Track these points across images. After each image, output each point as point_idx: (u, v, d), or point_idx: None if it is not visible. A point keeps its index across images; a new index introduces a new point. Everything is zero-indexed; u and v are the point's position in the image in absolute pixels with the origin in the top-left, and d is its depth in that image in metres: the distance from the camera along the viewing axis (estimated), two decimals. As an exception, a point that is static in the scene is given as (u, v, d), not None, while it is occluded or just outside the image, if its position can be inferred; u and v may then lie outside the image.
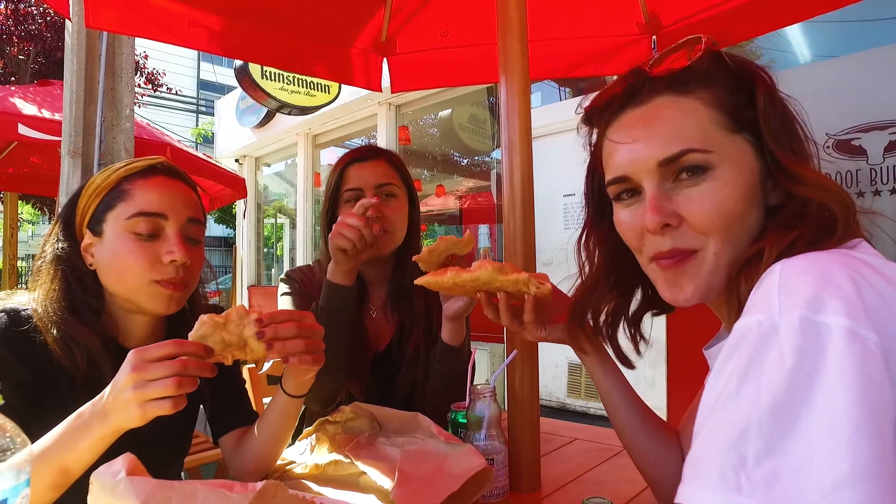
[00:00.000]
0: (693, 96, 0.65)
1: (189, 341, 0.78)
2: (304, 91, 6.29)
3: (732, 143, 0.64)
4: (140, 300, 0.98)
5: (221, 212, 13.21)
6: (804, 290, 0.47)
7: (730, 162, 0.63)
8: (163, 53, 9.82)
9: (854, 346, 0.44)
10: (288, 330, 0.85)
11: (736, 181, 0.62)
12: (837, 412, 0.42)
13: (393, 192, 1.35)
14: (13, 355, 0.90)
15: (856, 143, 2.72)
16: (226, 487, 0.62)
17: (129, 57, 2.52)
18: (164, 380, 0.74)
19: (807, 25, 3.73)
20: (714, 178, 0.63)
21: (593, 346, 0.87)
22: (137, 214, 0.96)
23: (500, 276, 0.83)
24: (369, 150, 1.41)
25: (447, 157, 6.54)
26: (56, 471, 0.78)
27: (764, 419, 0.44)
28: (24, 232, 18.34)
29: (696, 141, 0.63)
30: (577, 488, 1.05)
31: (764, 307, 0.49)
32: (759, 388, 0.46)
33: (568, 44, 1.93)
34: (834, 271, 0.48)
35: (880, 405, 0.43)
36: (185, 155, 3.84)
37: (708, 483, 0.46)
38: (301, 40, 1.83)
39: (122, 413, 0.76)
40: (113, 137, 2.42)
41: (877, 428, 0.42)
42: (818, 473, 0.41)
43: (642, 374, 4.13)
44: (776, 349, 0.46)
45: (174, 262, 0.96)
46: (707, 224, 0.63)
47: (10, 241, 5.42)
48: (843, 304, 0.45)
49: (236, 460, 1.09)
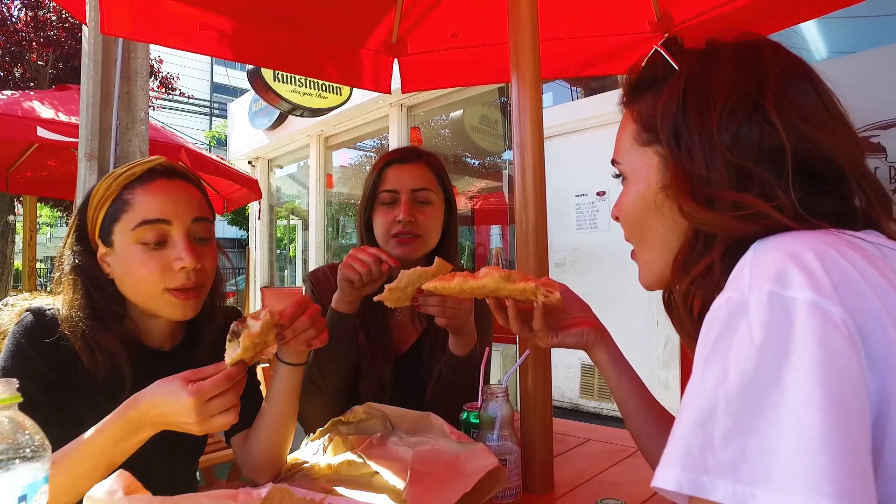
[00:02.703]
0: (630, 108, 0.71)
1: (236, 370, 0.83)
2: (316, 93, 6.32)
3: (638, 156, 0.69)
4: (156, 308, 0.99)
5: (234, 213, 13.33)
6: (773, 266, 0.48)
7: (633, 174, 0.70)
8: (177, 58, 9.92)
9: (816, 320, 0.44)
10: (302, 324, 0.94)
11: (632, 191, 0.69)
12: (799, 390, 0.42)
13: (429, 198, 1.35)
14: (40, 355, 0.92)
15: (874, 140, 2.68)
16: (230, 497, 0.61)
17: (144, 61, 2.55)
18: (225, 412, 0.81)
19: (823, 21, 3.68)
20: (627, 185, 0.71)
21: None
22: (141, 224, 0.95)
23: (508, 284, 0.82)
24: (409, 151, 1.41)
25: (459, 158, 6.53)
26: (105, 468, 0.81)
27: (732, 397, 0.44)
28: (43, 234, 18.65)
29: (616, 152, 0.72)
30: (590, 489, 1.04)
31: (736, 284, 0.50)
32: (726, 365, 0.46)
33: (579, 43, 1.92)
34: (802, 248, 0.48)
35: (841, 379, 0.42)
36: (199, 157, 3.89)
37: (675, 462, 0.46)
38: (312, 43, 1.84)
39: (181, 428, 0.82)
40: (128, 140, 2.45)
41: (835, 403, 0.41)
42: (781, 451, 0.41)
43: (656, 375, 4.09)
44: (745, 325, 0.46)
45: (184, 268, 0.96)
46: (621, 221, 0.73)
47: (29, 244, 5.51)
48: (808, 278, 0.45)
49: (247, 456, 1.09)
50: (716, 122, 0.58)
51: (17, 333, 0.92)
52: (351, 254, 1.17)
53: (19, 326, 0.93)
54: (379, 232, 1.35)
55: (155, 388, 0.81)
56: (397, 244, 1.32)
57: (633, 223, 0.71)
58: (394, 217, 1.32)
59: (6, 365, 0.90)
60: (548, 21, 1.21)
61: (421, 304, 1.11)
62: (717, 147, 0.58)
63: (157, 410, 0.80)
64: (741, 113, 0.58)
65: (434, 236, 1.37)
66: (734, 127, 0.58)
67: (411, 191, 1.33)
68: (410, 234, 1.31)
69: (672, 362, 4.07)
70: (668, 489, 0.46)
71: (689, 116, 0.60)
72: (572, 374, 4.56)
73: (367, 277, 1.16)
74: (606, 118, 4.03)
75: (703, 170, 0.58)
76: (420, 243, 1.33)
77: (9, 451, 0.54)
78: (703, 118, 0.59)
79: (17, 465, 0.54)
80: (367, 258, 1.15)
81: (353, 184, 7.85)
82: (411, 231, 1.31)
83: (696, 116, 0.59)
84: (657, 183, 0.65)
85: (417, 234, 1.32)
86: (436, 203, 1.37)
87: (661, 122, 0.63)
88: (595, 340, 0.90)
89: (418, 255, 1.34)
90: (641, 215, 0.68)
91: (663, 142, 0.63)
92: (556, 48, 1.82)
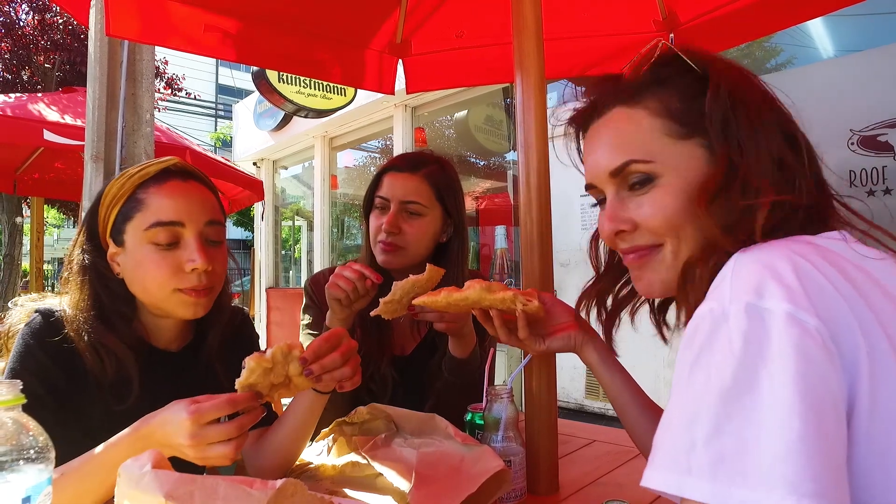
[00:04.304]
0: (641, 106, 0.67)
1: (242, 396, 0.78)
2: (321, 94, 6.33)
3: (678, 150, 0.65)
4: (167, 308, 0.99)
5: (239, 214, 13.36)
6: (752, 278, 0.50)
7: (674, 170, 0.65)
8: (182, 59, 9.95)
9: (793, 330, 0.46)
10: (333, 361, 0.84)
11: (679, 187, 0.64)
12: (776, 394, 0.44)
13: (419, 210, 1.33)
14: (49, 356, 0.92)
15: (882, 138, 2.66)
16: (246, 484, 0.62)
17: (150, 63, 2.56)
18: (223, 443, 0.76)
19: (829, 19, 3.65)
20: (659, 185, 0.65)
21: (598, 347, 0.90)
22: (155, 225, 0.95)
23: (489, 294, 0.86)
24: (408, 160, 1.39)
25: (463, 159, 6.53)
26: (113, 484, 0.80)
27: (712, 403, 0.47)
28: (50, 236, 18.78)
29: (639, 152, 0.66)
30: (596, 491, 1.03)
31: (717, 295, 0.52)
32: (709, 373, 0.48)
33: (584, 42, 1.91)
34: (779, 260, 0.50)
35: (818, 386, 0.45)
36: (204, 158, 3.90)
37: (662, 465, 0.49)
38: (316, 44, 1.84)
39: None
40: (134, 142, 2.45)
41: (813, 408, 0.44)
42: (757, 453, 0.43)
43: (660, 375, 4.07)
44: (725, 335, 0.48)
45: (196, 270, 0.96)
46: (656, 228, 0.66)
47: (37, 245, 5.54)
48: (784, 291, 0.48)
49: (256, 459, 1.09)
50: (759, 114, 0.62)
51: (26, 335, 0.93)
52: (336, 272, 1.17)
53: (28, 328, 0.94)
54: (370, 235, 1.37)
55: (166, 408, 0.79)
56: (381, 251, 1.33)
57: (684, 220, 0.64)
58: (380, 224, 1.33)
59: (15, 366, 0.91)
60: (552, 21, 1.21)
61: (418, 312, 1.11)
62: (764, 137, 0.61)
63: (161, 430, 0.78)
64: (766, 105, 0.64)
65: (419, 249, 1.35)
66: (772, 117, 0.63)
67: (401, 202, 1.32)
68: (393, 244, 1.31)
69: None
70: (657, 489, 0.48)
71: (738, 108, 0.63)
72: (577, 375, 4.55)
73: (354, 294, 1.16)
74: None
75: (754, 159, 0.61)
76: (402, 255, 1.33)
77: (13, 453, 0.54)
78: (749, 110, 0.63)
79: (20, 466, 0.55)
80: (351, 275, 1.15)
81: (357, 185, 7.85)
82: (394, 242, 1.31)
83: (743, 108, 0.63)
84: (704, 176, 0.64)
85: (400, 245, 1.32)
86: (427, 217, 1.34)
87: (710, 113, 0.63)
88: (583, 342, 0.92)
89: (402, 265, 1.33)
90: (693, 211, 0.63)
91: (713, 133, 0.63)
92: (561, 48, 1.82)
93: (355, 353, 0.89)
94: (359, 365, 0.90)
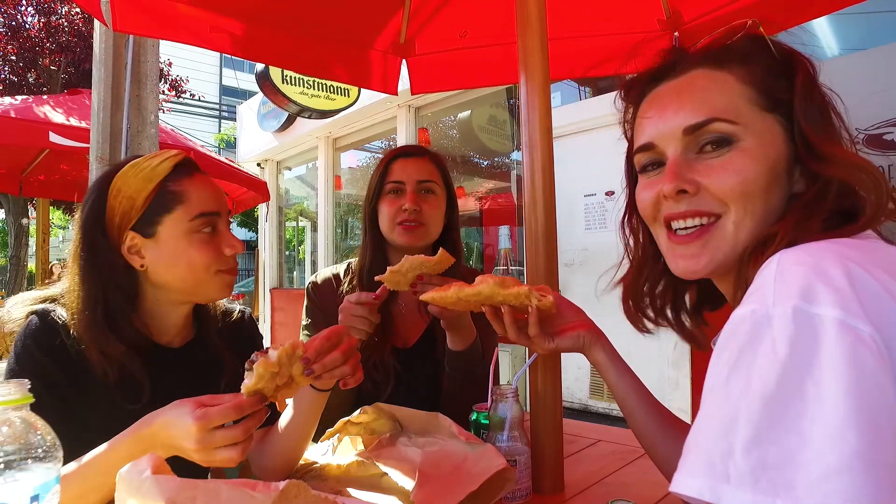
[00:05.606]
0: (727, 71, 0.67)
1: (248, 400, 0.78)
2: (324, 95, 6.34)
3: (762, 119, 0.64)
4: (205, 291, 1.06)
5: (244, 215, 13.40)
6: (799, 281, 0.47)
7: (756, 136, 0.63)
8: (186, 60, 10.00)
9: (846, 338, 0.43)
10: (334, 360, 0.86)
11: (760, 155, 0.63)
12: (827, 404, 0.42)
13: (432, 189, 1.41)
14: (48, 355, 0.93)
15: (888, 137, 2.64)
16: (249, 486, 0.62)
17: (154, 64, 2.57)
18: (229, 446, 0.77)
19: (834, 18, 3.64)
20: (739, 149, 0.63)
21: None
22: (200, 215, 1.02)
23: (502, 290, 0.83)
24: (415, 147, 1.49)
25: (467, 159, 6.53)
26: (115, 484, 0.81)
27: (754, 409, 0.44)
28: (55, 237, 18.87)
29: (725, 111, 0.64)
30: (601, 491, 1.03)
31: (759, 297, 0.49)
32: (750, 377, 0.46)
33: (588, 42, 1.91)
34: (829, 262, 0.48)
35: (874, 396, 0.42)
36: (208, 159, 3.91)
37: (696, 471, 0.46)
38: (320, 43, 1.84)
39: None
40: (139, 143, 2.47)
41: (870, 419, 0.41)
42: (806, 464, 0.41)
43: (666, 376, 4.06)
44: (769, 339, 0.46)
45: (234, 253, 1.06)
46: (726, 191, 0.63)
47: (43, 246, 5.58)
48: (835, 296, 0.45)
49: (259, 459, 1.09)
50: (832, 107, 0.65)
51: (24, 336, 0.94)
52: (344, 316, 1.16)
53: (25, 330, 0.95)
54: (384, 221, 1.39)
55: (168, 408, 0.80)
56: (403, 231, 1.36)
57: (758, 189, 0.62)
58: (399, 206, 1.37)
59: (14, 367, 0.92)
60: (556, 20, 1.20)
61: (419, 291, 1.11)
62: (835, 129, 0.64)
63: (165, 432, 0.78)
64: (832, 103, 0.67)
65: (437, 226, 1.42)
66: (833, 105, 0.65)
67: (417, 181, 1.39)
68: (415, 221, 1.36)
69: (682, 362, 4.04)
70: (689, 496, 0.46)
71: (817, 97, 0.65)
72: (582, 375, 4.54)
73: (371, 329, 1.18)
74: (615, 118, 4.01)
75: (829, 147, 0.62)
76: (424, 231, 1.38)
77: (21, 452, 0.55)
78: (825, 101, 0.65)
79: (29, 465, 0.55)
80: (362, 312, 1.15)
81: (361, 185, 7.86)
82: (416, 219, 1.36)
83: (821, 98, 0.65)
84: (785, 151, 0.64)
85: (422, 222, 1.37)
86: (439, 195, 1.43)
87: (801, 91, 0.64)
88: (591, 342, 0.91)
89: (422, 243, 1.39)
90: (767, 181, 0.62)
91: (799, 111, 0.64)
92: (565, 48, 1.81)
93: (356, 351, 0.91)
94: (359, 362, 0.91)
